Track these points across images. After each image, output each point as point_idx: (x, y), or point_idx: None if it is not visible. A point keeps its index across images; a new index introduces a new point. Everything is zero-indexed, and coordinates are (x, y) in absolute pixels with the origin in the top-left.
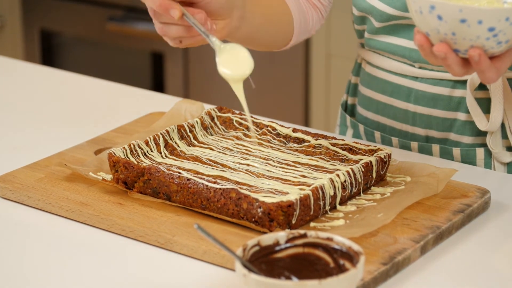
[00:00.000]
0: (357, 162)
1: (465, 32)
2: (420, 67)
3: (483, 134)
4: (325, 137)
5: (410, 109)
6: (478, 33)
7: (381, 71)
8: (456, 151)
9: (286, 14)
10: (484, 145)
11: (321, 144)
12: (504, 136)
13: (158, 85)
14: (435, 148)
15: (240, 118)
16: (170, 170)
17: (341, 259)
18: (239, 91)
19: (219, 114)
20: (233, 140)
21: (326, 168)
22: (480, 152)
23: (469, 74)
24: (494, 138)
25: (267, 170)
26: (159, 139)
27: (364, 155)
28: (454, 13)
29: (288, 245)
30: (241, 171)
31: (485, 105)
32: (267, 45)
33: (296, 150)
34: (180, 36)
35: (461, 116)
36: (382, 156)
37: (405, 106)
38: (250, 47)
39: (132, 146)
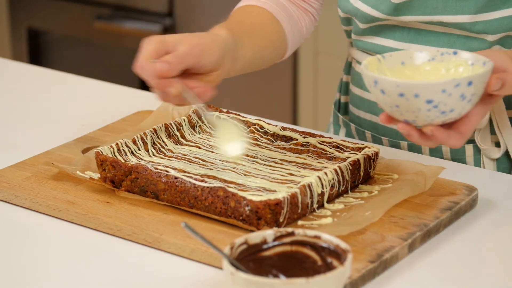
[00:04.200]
0: (344, 160)
1: (406, 105)
2: None
3: None
4: (312, 135)
5: None
6: (418, 105)
7: None
8: (446, 149)
9: (277, 34)
10: (472, 141)
11: (308, 142)
12: (492, 132)
13: (146, 84)
14: (425, 147)
15: (228, 117)
16: (157, 169)
17: (328, 257)
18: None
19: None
20: None
21: (313, 166)
22: (469, 148)
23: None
24: (483, 135)
25: (255, 168)
26: (146, 138)
27: (352, 153)
28: (392, 87)
29: (275, 243)
30: (228, 170)
31: None
32: (263, 67)
33: (284, 148)
34: (180, 104)
35: None
36: (370, 154)
37: None
38: (247, 72)
39: (120, 145)
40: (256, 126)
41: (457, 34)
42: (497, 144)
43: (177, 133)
